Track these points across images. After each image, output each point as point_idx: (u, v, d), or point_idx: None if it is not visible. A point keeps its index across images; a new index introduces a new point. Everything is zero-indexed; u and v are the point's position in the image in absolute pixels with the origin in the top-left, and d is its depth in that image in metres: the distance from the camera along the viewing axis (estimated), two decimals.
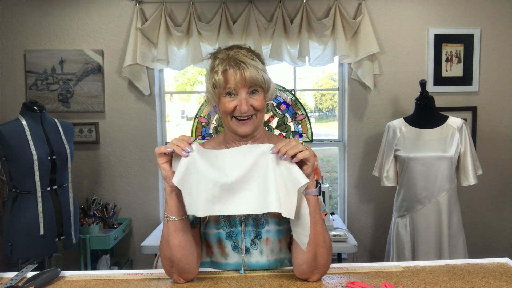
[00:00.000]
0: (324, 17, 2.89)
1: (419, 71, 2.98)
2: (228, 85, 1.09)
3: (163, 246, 1.07)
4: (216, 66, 1.10)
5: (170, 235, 1.05)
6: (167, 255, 1.07)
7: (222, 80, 1.09)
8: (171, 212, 1.04)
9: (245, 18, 2.85)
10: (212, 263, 1.19)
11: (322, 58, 2.92)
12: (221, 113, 1.14)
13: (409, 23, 2.97)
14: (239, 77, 1.08)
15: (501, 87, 3.01)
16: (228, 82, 1.09)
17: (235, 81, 1.08)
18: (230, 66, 1.09)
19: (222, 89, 1.10)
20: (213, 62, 1.13)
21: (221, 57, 1.11)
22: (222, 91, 1.11)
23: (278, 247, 1.17)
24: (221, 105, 1.13)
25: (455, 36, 2.96)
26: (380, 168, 2.44)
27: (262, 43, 2.86)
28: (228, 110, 1.12)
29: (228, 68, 1.09)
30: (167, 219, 1.05)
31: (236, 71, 1.08)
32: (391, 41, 2.97)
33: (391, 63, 2.99)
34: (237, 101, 1.11)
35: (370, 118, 3.02)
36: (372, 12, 2.94)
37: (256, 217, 1.16)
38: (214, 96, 1.14)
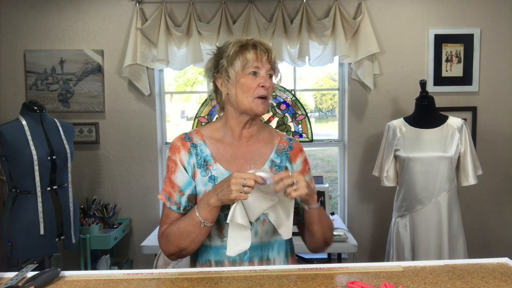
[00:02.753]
0: (324, 17, 2.89)
1: (419, 71, 2.98)
2: (256, 64, 1.20)
3: (180, 238, 1.15)
4: (243, 47, 1.20)
5: (198, 235, 1.14)
6: (181, 246, 1.16)
7: (252, 58, 1.19)
8: (210, 221, 1.13)
9: (245, 18, 2.85)
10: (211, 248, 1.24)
11: (322, 58, 2.92)
12: (241, 92, 1.21)
13: (409, 23, 2.97)
14: (266, 58, 1.21)
15: (501, 87, 3.01)
16: (257, 60, 1.20)
17: (262, 61, 1.20)
18: (259, 48, 1.21)
19: (249, 67, 1.20)
20: (236, 46, 1.21)
21: (247, 41, 1.22)
22: (246, 71, 1.20)
23: (273, 229, 1.23)
24: (244, 84, 1.20)
25: (455, 36, 2.96)
26: (380, 168, 2.44)
27: None
28: (253, 87, 1.20)
29: (257, 49, 1.21)
30: (204, 224, 1.12)
31: (264, 52, 1.21)
32: (391, 41, 2.97)
33: (391, 63, 2.99)
34: (260, 79, 1.21)
35: (370, 118, 3.02)
36: (372, 12, 2.94)
37: None
38: (234, 78, 1.21)
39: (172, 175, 1.22)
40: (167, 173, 1.24)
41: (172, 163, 1.23)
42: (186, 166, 1.22)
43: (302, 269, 1.16)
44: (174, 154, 1.24)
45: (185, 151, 1.23)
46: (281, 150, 1.31)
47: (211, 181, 1.21)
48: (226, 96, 1.25)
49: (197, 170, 1.22)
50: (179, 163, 1.22)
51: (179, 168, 1.22)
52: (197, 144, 1.25)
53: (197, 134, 1.28)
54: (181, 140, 1.25)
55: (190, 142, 1.25)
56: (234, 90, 1.22)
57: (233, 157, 1.25)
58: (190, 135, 1.27)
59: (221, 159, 1.24)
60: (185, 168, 1.22)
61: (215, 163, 1.23)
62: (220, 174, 1.22)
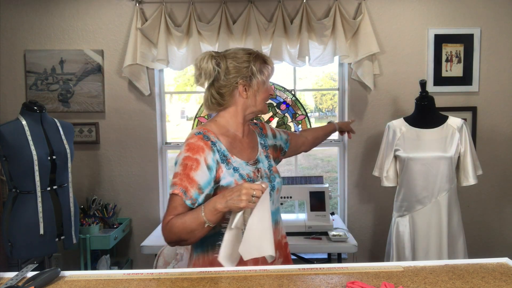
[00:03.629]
0: (324, 17, 2.89)
1: (419, 71, 2.98)
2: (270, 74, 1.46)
3: (183, 231, 1.23)
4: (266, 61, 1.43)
5: (200, 232, 1.23)
6: (183, 238, 1.25)
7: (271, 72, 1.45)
8: (213, 222, 1.22)
9: (245, 18, 2.85)
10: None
11: (322, 58, 2.92)
12: (261, 98, 1.43)
13: (409, 23, 2.97)
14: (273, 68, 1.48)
15: (501, 87, 3.00)
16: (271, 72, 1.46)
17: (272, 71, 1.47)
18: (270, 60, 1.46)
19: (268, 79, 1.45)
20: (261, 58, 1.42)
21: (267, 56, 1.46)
22: (267, 82, 1.44)
23: (279, 196, 1.49)
24: (265, 92, 1.44)
25: (455, 36, 2.96)
26: (380, 168, 2.44)
27: (262, 43, 2.86)
28: (268, 94, 1.46)
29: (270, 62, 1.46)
30: (207, 224, 1.21)
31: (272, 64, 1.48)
32: (391, 41, 2.97)
33: (391, 63, 2.99)
34: (270, 88, 1.47)
35: (370, 118, 3.02)
36: (372, 12, 2.94)
37: (267, 174, 1.44)
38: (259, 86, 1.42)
39: (192, 172, 1.28)
40: (185, 170, 1.28)
41: (193, 162, 1.29)
42: (211, 165, 1.31)
43: (302, 269, 1.16)
44: (197, 153, 1.30)
45: (208, 150, 1.32)
46: (258, 133, 1.57)
47: (236, 172, 1.35)
48: (240, 98, 1.41)
49: (221, 164, 1.33)
50: (202, 162, 1.29)
51: (201, 167, 1.29)
52: (214, 142, 1.35)
53: (210, 132, 1.37)
54: (202, 140, 1.33)
55: (209, 141, 1.34)
56: (256, 97, 1.42)
57: (242, 149, 1.42)
58: (206, 134, 1.35)
59: (235, 152, 1.39)
60: (209, 166, 1.30)
61: (232, 156, 1.37)
62: (239, 164, 1.37)
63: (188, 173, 1.28)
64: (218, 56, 1.39)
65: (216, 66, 1.37)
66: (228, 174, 1.33)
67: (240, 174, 1.34)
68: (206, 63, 1.37)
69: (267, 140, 1.57)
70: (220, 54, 1.41)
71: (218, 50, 2.79)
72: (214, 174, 1.31)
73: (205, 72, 1.38)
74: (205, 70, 1.38)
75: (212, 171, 1.30)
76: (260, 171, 1.42)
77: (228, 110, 1.42)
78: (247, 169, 1.37)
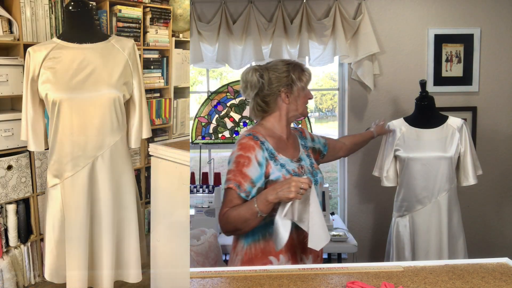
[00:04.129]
0: (324, 17, 2.89)
1: (419, 71, 2.98)
2: (307, 81, 1.63)
3: (238, 221, 1.41)
4: (302, 68, 1.61)
5: (253, 221, 1.40)
6: (238, 227, 1.43)
7: (307, 77, 1.62)
8: (265, 212, 1.38)
9: (245, 18, 2.85)
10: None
11: (322, 58, 2.92)
12: (302, 103, 1.62)
13: (409, 23, 2.96)
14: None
15: (501, 87, 3.00)
16: (308, 78, 1.63)
17: (310, 78, 1.65)
18: (307, 69, 1.65)
19: (304, 83, 1.60)
20: (299, 67, 1.61)
21: (300, 63, 1.64)
22: (303, 86, 1.61)
23: (321, 190, 1.65)
24: (305, 97, 1.63)
25: (455, 36, 2.96)
26: (380, 168, 2.44)
27: (262, 43, 2.86)
28: (310, 97, 1.65)
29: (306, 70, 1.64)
30: (259, 214, 1.37)
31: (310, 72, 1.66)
32: (391, 41, 2.97)
33: (391, 63, 2.99)
34: (309, 93, 1.65)
35: (370, 118, 3.02)
36: (372, 12, 2.93)
37: (310, 170, 1.61)
38: (300, 92, 1.60)
39: (245, 168, 1.46)
40: (237, 166, 1.47)
41: (245, 159, 1.47)
42: (261, 161, 1.49)
43: (302, 269, 1.16)
44: (248, 151, 1.49)
45: (258, 149, 1.50)
46: (298, 135, 1.74)
47: (283, 168, 1.52)
48: (283, 104, 1.59)
49: (270, 161, 1.51)
50: (253, 160, 1.48)
51: (252, 163, 1.47)
52: (263, 141, 1.54)
53: (258, 134, 1.56)
54: (252, 140, 1.52)
55: (258, 141, 1.53)
56: (297, 101, 1.60)
57: (286, 148, 1.60)
58: (255, 135, 1.55)
59: (280, 151, 1.56)
60: (259, 163, 1.48)
61: (279, 154, 1.54)
62: (285, 161, 1.54)
63: (241, 169, 1.46)
64: (260, 69, 1.58)
65: (260, 78, 1.56)
66: (276, 170, 1.50)
67: (286, 169, 1.51)
68: (251, 76, 1.57)
69: (306, 142, 1.74)
70: (262, 67, 1.60)
71: (218, 50, 2.82)
72: (264, 169, 1.48)
73: (250, 84, 1.57)
74: (251, 82, 1.57)
75: (262, 167, 1.48)
76: (304, 168, 1.59)
77: (273, 115, 1.61)
78: (292, 165, 1.54)
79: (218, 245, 2.42)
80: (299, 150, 1.65)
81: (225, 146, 3.13)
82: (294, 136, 1.71)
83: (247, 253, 1.51)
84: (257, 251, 1.50)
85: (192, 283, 1.08)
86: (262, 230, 1.49)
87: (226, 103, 3.05)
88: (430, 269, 1.16)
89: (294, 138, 1.70)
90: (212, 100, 3.06)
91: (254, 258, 1.49)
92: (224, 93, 3.05)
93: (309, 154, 1.68)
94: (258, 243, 1.50)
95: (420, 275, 1.11)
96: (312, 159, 1.68)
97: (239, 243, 1.55)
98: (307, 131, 1.83)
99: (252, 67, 1.59)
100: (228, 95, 3.05)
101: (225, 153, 7.13)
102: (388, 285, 1.03)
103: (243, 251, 1.53)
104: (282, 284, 1.06)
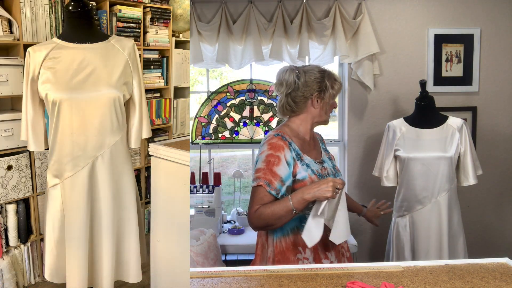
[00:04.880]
0: (324, 17, 2.89)
1: (419, 71, 2.98)
2: (338, 91, 1.70)
3: (272, 218, 1.48)
4: (336, 78, 1.69)
5: (287, 218, 1.48)
6: (270, 223, 1.50)
7: (338, 88, 1.69)
8: (300, 210, 1.47)
9: (245, 18, 2.85)
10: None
11: (322, 58, 2.92)
12: (331, 108, 1.70)
13: (409, 23, 2.96)
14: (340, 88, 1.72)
15: (501, 87, 3.00)
16: (339, 89, 1.70)
17: (340, 90, 1.72)
18: (339, 80, 1.72)
19: (335, 92, 1.67)
20: (333, 77, 1.69)
21: (334, 73, 1.71)
22: (333, 95, 1.68)
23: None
24: (333, 104, 1.73)
25: (455, 36, 2.96)
26: (380, 168, 2.44)
27: (262, 43, 2.86)
28: (335, 106, 1.74)
29: (338, 81, 1.71)
30: (294, 211, 1.45)
31: (341, 85, 1.72)
32: (391, 41, 2.97)
33: (391, 63, 2.99)
34: (334, 102, 1.73)
35: (370, 118, 3.02)
36: (372, 12, 2.93)
37: (332, 171, 1.68)
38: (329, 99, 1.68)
39: (275, 167, 1.53)
40: (268, 165, 1.53)
41: (275, 158, 1.54)
42: (289, 161, 1.55)
43: (302, 269, 1.17)
44: (278, 151, 1.55)
45: (287, 149, 1.57)
46: (321, 140, 1.83)
47: (308, 168, 1.58)
48: (311, 108, 1.66)
49: (297, 161, 1.57)
50: (283, 159, 1.54)
51: (282, 162, 1.54)
52: (290, 142, 1.60)
53: (285, 135, 1.62)
54: (281, 140, 1.58)
55: (287, 141, 1.59)
56: (326, 108, 1.67)
57: (310, 150, 1.67)
58: (283, 135, 1.61)
59: (306, 152, 1.63)
60: (288, 162, 1.55)
61: (304, 155, 1.61)
62: (310, 161, 1.61)
63: (271, 168, 1.52)
64: (297, 70, 1.65)
65: (296, 78, 1.63)
66: (302, 170, 1.57)
67: (311, 169, 1.58)
68: (288, 75, 1.64)
69: (327, 149, 1.83)
70: (299, 68, 1.67)
71: (218, 50, 2.82)
72: (292, 169, 1.55)
73: (286, 83, 1.64)
74: (287, 81, 1.64)
75: (290, 166, 1.55)
76: (326, 169, 1.66)
77: (299, 117, 1.68)
78: (316, 166, 1.61)
79: (217, 245, 2.42)
80: (321, 153, 1.74)
81: (225, 146, 3.13)
82: (316, 139, 1.79)
83: (277, 246, 1.59)
84: (288, 244, 1.58)
85: (192, 283, 1.08)
86: (290, 225, 1.57)
87: (226, 103, 3.05)
88: (430, 269, 1.16)
89: (316, 141, 1.78)
90: (212, 100, 3.06)
91: (286, 250, 1.57)
92: (224, 93, 3.05)
93: (330, 157, 1.77)
94: (288, 237, 1.58)
95: (420, 275, 1.11)
96: (334, 162, 1.77)
97: (269, 238, 1.63)
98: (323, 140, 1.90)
99: (289, 66, 1.68)
100: (228, 95, 3.05)
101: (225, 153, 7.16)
102: (388, 285, 1.03)
103: (273, 244, 1.61)
104: (282, 284, 1.06)
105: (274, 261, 1.58)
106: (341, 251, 1.67)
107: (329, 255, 1.61)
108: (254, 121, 3.06)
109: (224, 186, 2.94)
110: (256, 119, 3.05)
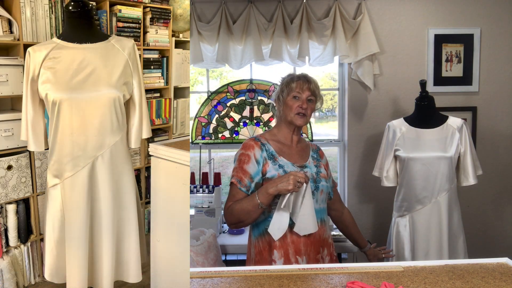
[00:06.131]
0: (324, 17, 2.89)
1: (419, 71, 2.98)
2: (297, 90, 1.71)
3: (241, 213, 1.57)
4: (292, 79, 1.74)
5: (255, 213, 1.56)
6: (241, 219, 1.59)
7: (295, 87, 1.71)
8: (265, 204, 1.53)
9: (245, 18, 2.85)
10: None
11: (322, 58, 2.92)
12: (287, 110, 1.72)
13: (409, 23, 2.97)
14: (306, 86, 1.72)
15: (501, 87, 3.01)
16: (297, 88, 1.71)
17: (302, 89, 1.71)
18: (301, 80, 1.74)
19: (292, 93, 1.71)
20: (288, 78, 1.77)
21: (297, 75, 1.78)
22: (290, 96, 1.72)
23: (325, 197, 1.74)
24: (288, 105, 1.73)
25: (455, 36, 2.96)
26: (380, 168, 2.44)
27: (262, 43, 2.86)
28: (294, 107, 1.70)
29: (300, 80, 1.74)
30: (260, 206, 1.52)
31: (304, 83, 1.73)
32: (391, 41, 2.97)
33: (391, 63, 2.99)
34: (299, 101, 1.71)
35: (370, 118, 3.02)
36: (372, 12, 2.94)
37: (313, 177, 1.70)
38: (283, 100, 1.75)
39: (245, 165, 1.64)
40: (239, 163, 1.66)
41: (245, 157, 1.66)
42: (259, 159, 1.65)
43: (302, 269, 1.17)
44: (248, 150, 1.67)
45: (257, 148, 1.67)
46: (315, 150, 1.87)
47: (280, 168, 1.65)
48: (278, 112, 1.79)
49: (268, 161, 1.66)
50: (252, 157, 1.65)
51: (251, 160, 1.65)
52: (264, 143, 1.71)
53: (262, 137, 1.75)
54: (253, 141, 1.71)
55: (260, 142, 1.70)
56: (282, 108, 1.75)
57: (292, 154, 1.74)
58: (258, 138, 1.74)
59: (283, 154, 1.71)
60: (257, 160, 1.65)
61: (279, 156, 1.69)
62: (286, 163, 1.68)
63: (242, 166, 1.64)
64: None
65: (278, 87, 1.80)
66: (273, 169, 1.65)
67: (284, 170, 1.64)
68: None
69: (320, 161, 1.84)
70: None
71: (218, 50, 2.82)
72: (261, 167, 1.64)
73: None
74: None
75: (260, 164, 1.65)
76: (307, 174, 1.66)
77: (277, 123, 1.83)
78: (292, 168, 1.67)
79: (217, 245, 2.41)
80: (306, 159, 1.77)
81: (225, 146, 3.13)
82: (305, 146, 1.84)
83: (256, 246, 1.67)
84: (264, 243, 1.64)
85: (192, 283, 1.08)
86: (266, 224, 1.62)
87: (226, 103, 3.05)
88: (430, 269, 1.16)
89: (305, 148, 1.83)
90: (212, 100, 3.06)
91: (263, 250, 1.63)
92: (224, 93, 3.05)
93: (318, 165, 1.79)
94: (264, 237, 1.64)
95: (420, 275, 1.11)
96: (322, 169, 1.79)
97: (251, 237, 1.72)
98: (326, 160, 1.91)
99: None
100: (228, 95, 3.05)
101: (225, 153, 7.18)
102: (388, 285, 1.03)
103: (254, 245, 1.69)
104: (282, 284, 1.06)
105: (255, 261, 1.62)
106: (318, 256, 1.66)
107: (299, 260, 1.59)
108: (254, 121, 3.06)
109: (224, 186, 2.94)
110: (256, 119, 3.05)
